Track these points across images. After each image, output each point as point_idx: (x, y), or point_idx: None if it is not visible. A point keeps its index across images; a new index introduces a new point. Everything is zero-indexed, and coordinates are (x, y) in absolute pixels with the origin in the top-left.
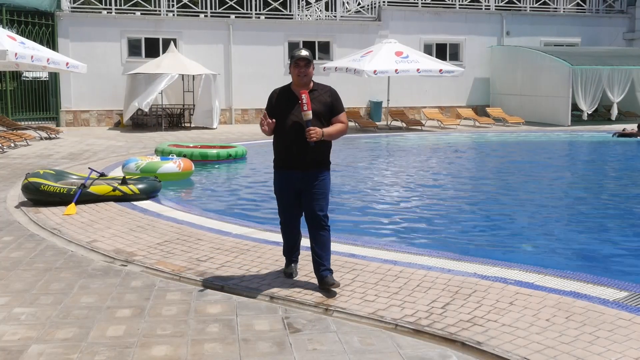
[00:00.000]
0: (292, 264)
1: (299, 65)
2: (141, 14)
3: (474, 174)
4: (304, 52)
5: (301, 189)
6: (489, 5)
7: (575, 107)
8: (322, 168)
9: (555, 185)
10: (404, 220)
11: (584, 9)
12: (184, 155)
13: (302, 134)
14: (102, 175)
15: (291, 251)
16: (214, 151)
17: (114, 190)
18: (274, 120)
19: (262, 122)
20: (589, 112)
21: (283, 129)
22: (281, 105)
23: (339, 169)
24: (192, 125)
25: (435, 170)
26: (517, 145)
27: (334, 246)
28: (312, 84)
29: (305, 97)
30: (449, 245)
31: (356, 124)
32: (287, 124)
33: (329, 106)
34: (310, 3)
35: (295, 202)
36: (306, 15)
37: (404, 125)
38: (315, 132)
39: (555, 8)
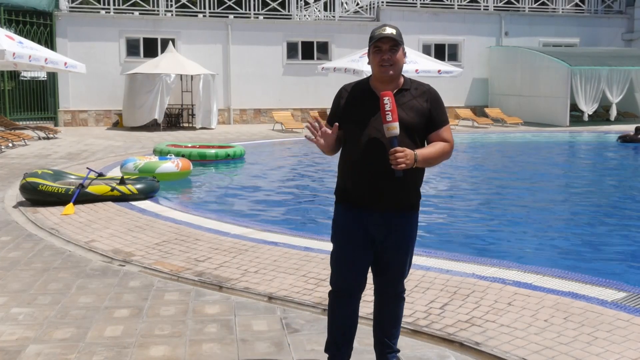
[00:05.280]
0: None
1: (381, 50)
2: (139, 13)
3: (472, 175)
4: (389, 30)
5: (376, 237)
6: (488, 6)
7: (574, 108)
8: (410, 208)
9: (554, 186)
10: None
11: (583, 10)
12: (182, 155)
13: (383, 156)
14: (100, 175)
15: (347, 342)
16: (213, 151)
17: (112, 190)
18: (335, 125)
19: (314, 130)
20: (590, 113)
21: (354, 146)
22: (355, 108)
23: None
24: (191, 125)
25: (433, 170)
26: (516, 145)
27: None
28: (402, 80)
29: (388, 101)
30: (447, 246)
31: None
32: (362, 138)
33: (426, 115)
34: (309, 3)
35: (365, 255)
36: (305, 16)
37: None
38: (405, 156)
39: (554, 8)
